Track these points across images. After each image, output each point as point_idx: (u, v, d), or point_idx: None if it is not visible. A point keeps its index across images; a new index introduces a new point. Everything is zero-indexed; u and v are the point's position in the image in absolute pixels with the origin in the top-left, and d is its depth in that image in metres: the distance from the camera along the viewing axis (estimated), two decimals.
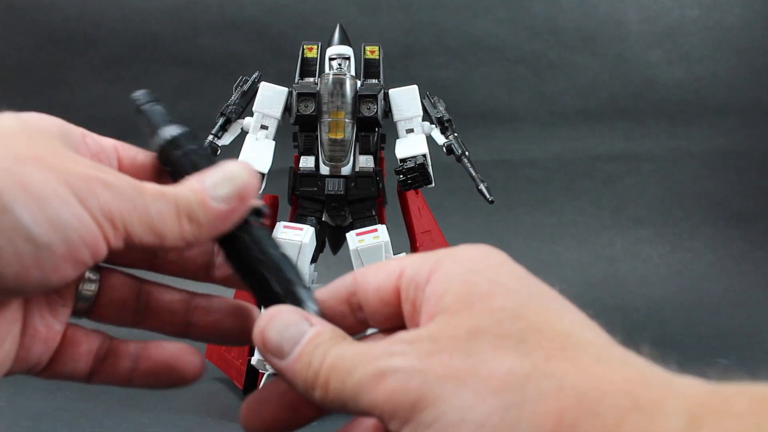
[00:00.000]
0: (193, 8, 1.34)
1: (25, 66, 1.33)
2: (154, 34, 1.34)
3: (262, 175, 0.67)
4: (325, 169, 0.69)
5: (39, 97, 1.34)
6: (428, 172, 0.67)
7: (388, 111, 0.69)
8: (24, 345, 0.32)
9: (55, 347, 0.33)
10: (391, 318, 0.30)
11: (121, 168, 0.33)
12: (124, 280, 0.34)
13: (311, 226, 0.68)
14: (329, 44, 0.71)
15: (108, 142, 0.34)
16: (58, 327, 0.32)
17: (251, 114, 0.69)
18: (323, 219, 0.70)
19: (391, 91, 0.69)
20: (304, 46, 0.71)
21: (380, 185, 0.69)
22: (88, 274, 0.32)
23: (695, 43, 1.41)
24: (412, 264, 0.29)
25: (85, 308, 0.32)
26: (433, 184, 0.68)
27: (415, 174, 0.67)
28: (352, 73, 0.70)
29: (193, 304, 0.34)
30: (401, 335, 0.27)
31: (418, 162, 0.67)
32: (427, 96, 0.70)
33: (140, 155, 0.35)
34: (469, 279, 0.27)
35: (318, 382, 0.28)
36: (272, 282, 0.30)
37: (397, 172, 0.67)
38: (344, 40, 0.71)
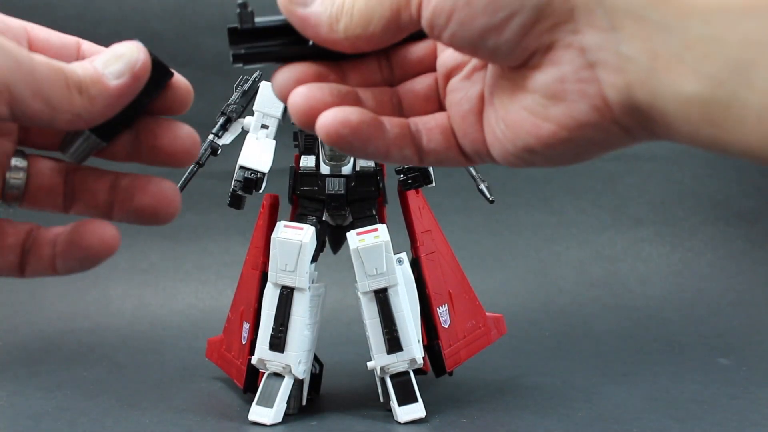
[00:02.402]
0: (193, 8, 1.34)
1: None
2: (154, 34, 1.34)
3: (263, 174, 0.67)
4: (325, 169, 0.69)
5: None
6: (429, 172, 0.67)
7: None
8: None
9: None
10: None
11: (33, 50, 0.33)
12: (51, 164, 0.34)
13: (312, 225, 0.68)
14: None
15: (16, 22, 0.35)
16: None
17: (252, 113, 0.69)
18: (323, 218, 0.70)
19: None
20: None
21: (381, 185, 0.69)
22: (14, 162, 0.32)
23: None
24: None
25: (16, 196, 0.33)
26: (434, 184, 0.68)
27: (416, 173, 0.67)
28: None
29: (119, 184, 0.34)
30: None
31: None
32: None
33: (54, 37, 0.34)
34: None
35: (344, 10, 0.31)
36: None
37: (398, 172, 0.67)
38: None
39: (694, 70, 0.27)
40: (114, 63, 0.31)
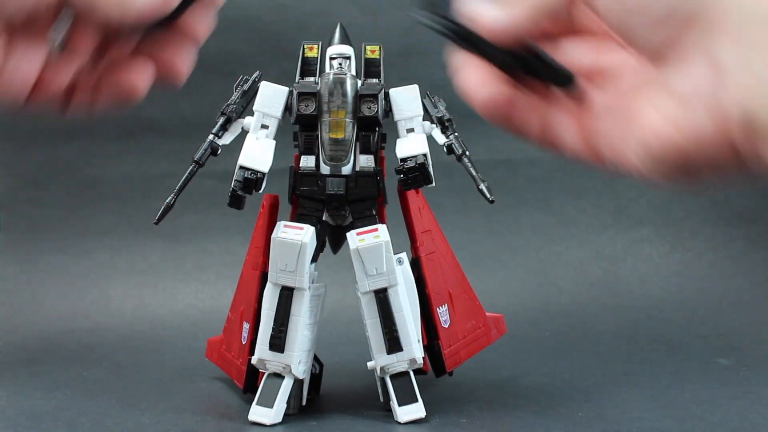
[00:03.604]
0: None
1: None
2: None
3: (263, 174, 0.67)
4: (325, 169, 0.69)
5: None
6: (429, 172, 0.67)
7: (388, 110, 0.69)
8: (5, 75, 0.38)
9: (33, 80, 0.39)
10: None
11: None
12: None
13: (312, 225, 0.68)
14: (330, 44, 0.71)
15: None
16: (36, 63, 0.39)
17: (252, 113, 0.69)
18: (323, 218, 0.70)
19: (392, 91, 0.69)
20: (305, 46, 0.71)
21: (381, 185, 0.69)
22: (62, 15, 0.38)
23: None
24: None
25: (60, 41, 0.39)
26: (434, 184, 0.68)
27: (416, 173, 0.67)
28: (353, 72, 0.70)
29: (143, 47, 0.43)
30: None
31: (418, 161, 0.67)
32: (428, 95, 0.70)
33: None
34: None
35: None
36: None
37: (398, 172, 0.67)
38: (345, 40, 0.71)
39: None
40: None
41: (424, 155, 0.68)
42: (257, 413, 0.68)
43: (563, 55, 0.39)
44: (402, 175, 0.67)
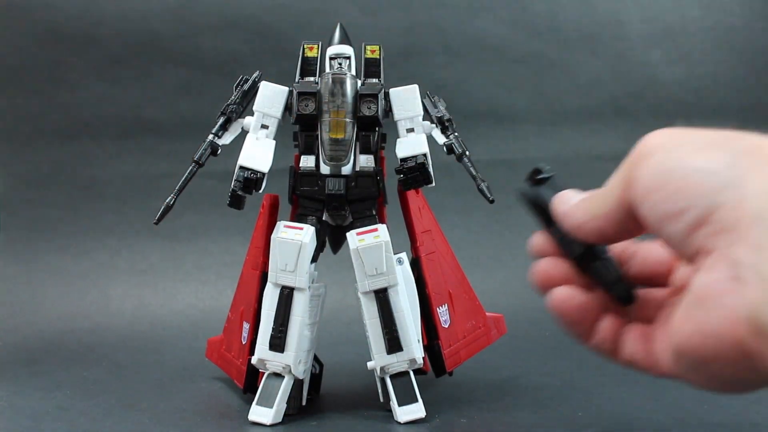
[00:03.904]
0: (193, 8, 1.34)
1: (25, 66, 1.33)
2: (154, 34, 1.34)
3: (263, 174, 0.67)
4: (325, 169, 0.68)
5: (39, 96, 1.34)
6: (429, 172, 0.67)
7: (388, 110, 0.69)
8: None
9: None
10: None
11: None
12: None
13: (312, 225, 0.68)
14: (329, 44, 0.71)
15: None
16: None
17: (252, 113, 0.69)
18: (323, 218, 0.70)
19: (392, 91, 0.69)
20: (305, 46, 0.71)
21: (380, 185, 0.69)
22: None
23: (695, 43, 1.41)
24: None
25: None
26: (434, 184, 0.68)
27: (416, 173, 0.67)
28: (353, 72, 0.70)
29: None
30: None
31: (418, 161, 0.67)
32: (428, 95, 0.70)
33: None
34: None
35: (585, 203, 0.44)
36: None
37: (398, 171, 0.67)
38: (344, 40, 0.71)
39: None
40: None
41: (424, 155, 0.68)
42: (257, 413, 0.68)
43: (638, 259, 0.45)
44: (402, 175, 0.67)
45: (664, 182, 0.35)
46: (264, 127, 0.69)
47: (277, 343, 0.67)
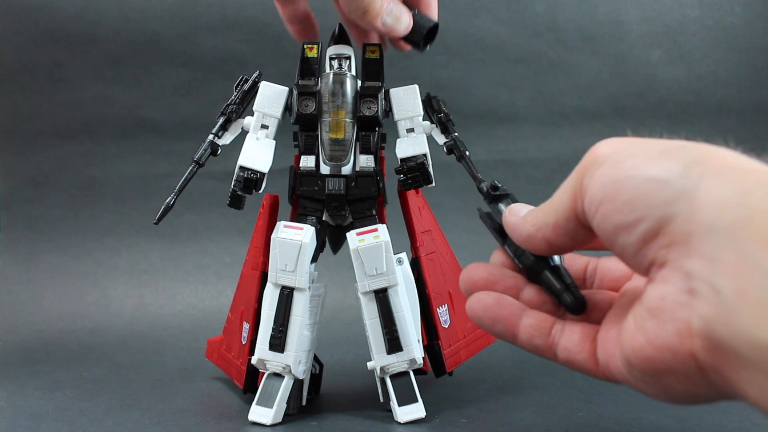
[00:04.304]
0: (193, 8, 1.34)
1: (25, 66, 1.33)
2: (154, 34, 1.34)
3: (263, 174, 0.67)
4: (325, 169, 0.68)
5: (39, 96, 1.34)
6: (429, 172, 0.67)
7: (388, 110, 0.69)
8: None
9: None
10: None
11: None
12: None
13: (312, 225, 0.68)
14: (329, 44, 0.71)
15: None
16: None
17: (252, 113, 0.69)
18: (323, 218, 0.70)
19: (392, 91, 0.69)
20: (305, 46, 0.71)
21: (380, 185, 0.69)
22: None
23: (695, 43, 1.41)
24: None
25: None
26: (434, 184, 0.68)
27: (416, 173, 0.67)
28: (353, 72, 0.70)
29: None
30: None
31: (418, 161, 0.67)
32: (429, 96, 0.70)
33: None
34: None
35: (535, 213, 0.46)
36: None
37: (398, 172, 0.67)
38: (344, 40, 0.71)
39: None
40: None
41: (424, 155, 0.68)
42: (257, 413, 0.68)
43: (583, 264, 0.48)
44: (402, 175, 0.67)
45: (615, 193, 0.35)
46: (264, 127, 0.69)
47: (277, 343, 0.67)
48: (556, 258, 0.46)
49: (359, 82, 0.70)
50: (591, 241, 0.41)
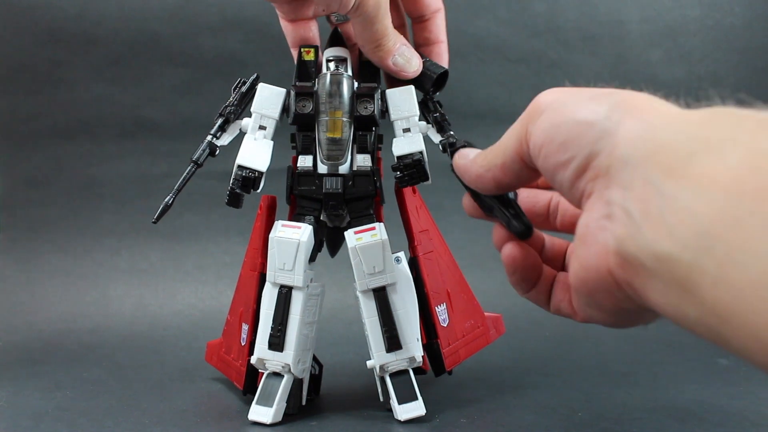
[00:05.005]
0: (193, 8, 1.34)
1: (25, 66, 1.33)
2: (154, 34, 1.34)
3: (261, 173, 0.67)
4: (323, 168, 0.68)
5: (39, 96, 1.34)
6: (425, 168, 0.67)
7: (384, 111, 0.69)
8: None
9: None
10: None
11: None
12: None
13: (309, 224, 0.68)
14: (326, 46, 0.71)
15: None
16: None
17: (249, 115, 0.69)
18: (321, 218, 0.70)
19: (388, 91, 0.69)
20: (302, 49, 0.71)
21: (378, 184, 0.69)
22: None
23: (695, 43, 1.41)
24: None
25: None
26: (430, 181, 0.68)
27: (412, 170, 0.67)
28: (349, 73, 0.70)
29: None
30: None
31: (415, 158, 0.67)
32: (425, 97, 0.70)
33: None
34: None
35: (483, 154, 0.51)
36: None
37: (395, 169, 0.67)
38: (340, 42, 0.71)
39: (670, 232, 0.31)
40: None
41: (421, 152, 0.68)
42: (257, 413, 0.68)
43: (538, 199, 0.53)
44: (399, 172, 0.67)
45: (553, 135, 0.40)
46: (262, 128, 0.69)
47: (276, 342, 0.67)
48: (510, 194, 0.52)
49: (356, 83, 0.70)
50: (533, 180, 0.46)
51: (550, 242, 0.53)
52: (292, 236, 0.67)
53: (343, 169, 0.68)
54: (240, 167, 0.67)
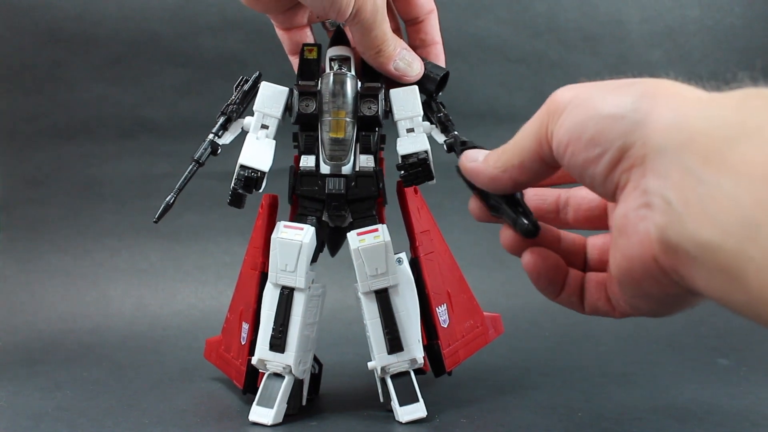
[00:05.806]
0: (193, 8, 1.34)
1: (25, 66, 1.33)
2: (154, 34, 1.34)
3: (263, 173, 0.67)
4: (325, 169, 0.68)
5: (39, 96, 1.34)
6: (430, 168, 0.67)
7: (388, 111, 0.69)
8: None
9: None
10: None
11: None
12: None
13: (311, 225, 0.68)
14: (328, 46, 0.71)
15: None
16: None
17: (252, 114, 0.69)
18: (323, 219, 0.70)
19: (392, 91, 0.69)
20: (305, 48, 0.71)
21: (380, 184, 0.69)
22: None
23: (695, 43, 1.41)
24: None
25: None
26: (435, 181, 0.68)
27: (417, 169, 0.67)
28: (353, 73, 0.70)
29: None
30: None
31: (420, 157, 0.67)
32: (428, 97, 0.70)
33: None
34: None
35: (498, 154, 0.50)
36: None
37: (399, 167, 0.67)
38: (343, 42, 0.71)
39: (713, 220, 0.32)
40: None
41: (426, 151, 0.68)
42: (258, 413, 0.68)
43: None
44: (404, 171, 0.67)
45: (579, 133, 0.40)
46: (264, 127, 0.69)
47: (278, 344, 0.67)
48: (517, 193, 0.51)
49: (359, 83, 0.70)
50: (549, 177, 0.46)
51: (567, 239, 0.53)
52: (294, 238, 0.67)
53: (346, 169, 0.68)
54: (242, 167, 0.67)
